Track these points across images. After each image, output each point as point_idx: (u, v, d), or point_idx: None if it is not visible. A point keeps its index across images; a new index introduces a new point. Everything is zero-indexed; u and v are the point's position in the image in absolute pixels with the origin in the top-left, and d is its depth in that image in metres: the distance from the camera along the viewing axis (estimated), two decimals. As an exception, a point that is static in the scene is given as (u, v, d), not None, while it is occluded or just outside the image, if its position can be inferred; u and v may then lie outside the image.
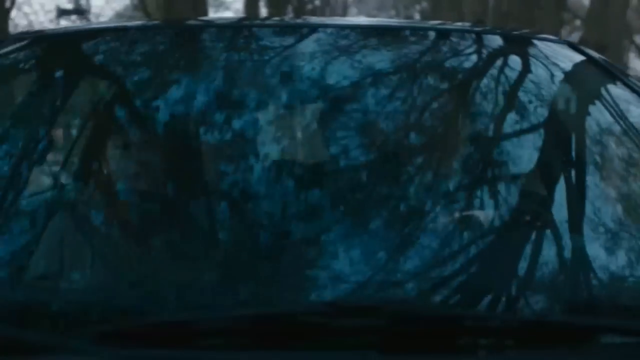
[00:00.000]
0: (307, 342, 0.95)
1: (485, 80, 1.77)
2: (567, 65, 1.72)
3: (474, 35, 1.85)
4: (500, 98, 1.86)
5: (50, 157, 1.57)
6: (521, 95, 1.84)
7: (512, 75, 1.78)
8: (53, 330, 1.00)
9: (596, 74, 1.68)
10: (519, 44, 1.79)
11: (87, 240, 1.42)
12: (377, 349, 0.93)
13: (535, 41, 1.81)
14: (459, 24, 2.21)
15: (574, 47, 1.75)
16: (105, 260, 1.41)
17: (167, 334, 0.96)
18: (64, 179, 1.55)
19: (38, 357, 0.94)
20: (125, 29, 1.78)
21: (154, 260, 1.46)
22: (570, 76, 1.71)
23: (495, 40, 1.83)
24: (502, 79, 1.80)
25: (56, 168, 1.56)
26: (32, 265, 1.37)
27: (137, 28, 1.78)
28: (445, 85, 1.67)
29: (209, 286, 1.22)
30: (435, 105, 1.64)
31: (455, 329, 0.97)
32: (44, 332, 0.99)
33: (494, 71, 1.76)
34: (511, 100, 1.85)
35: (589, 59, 1.70)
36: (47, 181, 1.56)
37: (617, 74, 1.63)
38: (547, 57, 1.75)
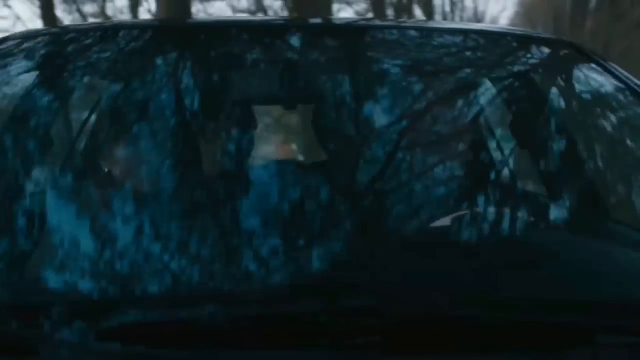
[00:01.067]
0: (307, 342, 0.95)
1: (486, 80, 1.77)
2: (569, 66, 1.72)
3: (475, 35, 1.85)
4: (501, 97, 1.86)
5: (48, 156, 1.58)
6: (521, 94, 1.84)
7: (513, 74, 1.78)
8: (53, 330, 1.00)
9: (598, 75, 1.69)
10: (521, 44, 1.79)
11: (86, 239, 1.42)
12: (377, 349, 0.93)
13: (537, 41, 1.81)
14: (460, 23, 2.20)
15: (575, 47, 1.75)
16: (105, 259, 1.41)
17: (167, 332, 0.96)
18: (62, 177, 1.55)
19: (38, 357, 0.94)
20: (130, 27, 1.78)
21: (153, 259, 1.46)
22: (572, 76, 1.72)
23: (497, 40, 1.83)
24: (503, 78, 1.80)
25: (54, 166, 1.56)
26: (32, 264, 1.37)
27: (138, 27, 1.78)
28: (445, 85, 1.67)
29: (209, 286, 1.22)
30: (434, 104, 1.64)
31: (456, 329, 0.97)
32: (43, 331, 0.99)
33: (494, 70, 1.76)
34: (511, 99, 1.85)
35: (591, 59, 1.70)
36: (46, 179, 1.56)
37: (618, 74, 1.63)
38: (548, 57, 1.75)
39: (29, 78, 1.63)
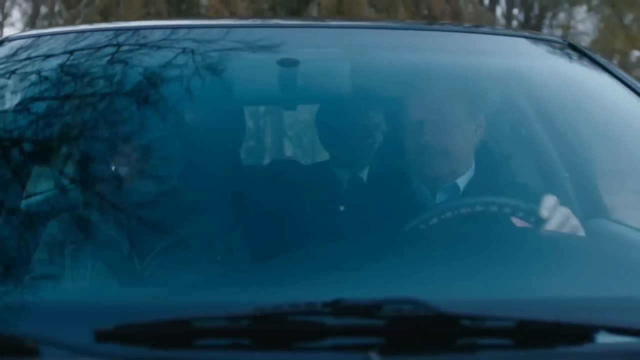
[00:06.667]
0: (307, 342, 0.95)
1: (487, 79, 1.77)
2: (569, 65, 1.72)
3: (475, 35, 1.85)
4: (502, 97, 1.86)
5: (48, 157, 1.58)
6: (522, 94, 1.84)
7: (514, 74, 1.78)
8: (53, 331, 1.00)
9: (596, 74, 1.69)
10: (521, 44, 1.80)
11: (87, 240, 1.42)
12: (377, 349, 0.93)
13: (537, 41, 1.81)
14: (460, 24, 2.21)
15: (575, 47, 1.75)
16: (105, 260, 1.41)
17: (167, 333, 0.96)
18: (62, 179, 1.55)
19: (38, 357, 0.94)
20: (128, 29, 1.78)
21: (153, 260, 1.47)
22: (571, 76, 1.72)
23: (497, 40, 1.83)
24: (504, 78, 1.80)
25: (53, 168, 1.56)
26: (33, 265, 1.37)
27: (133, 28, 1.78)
28: (445, 85, 1.67)
29: (209, 286, 1.22)
30: (432, 104, 1.64)
31: (455, 329, 0.97)
32: (43, 332, 0.99)
33: (495, 70, 1.76)
34: (511, 99, 1.85)
35: (590, 59, 1.70)
36: (46, 182, 1.56)
37: (616, 73, 1.63)
38: (548, 57, 1.75)
39: (28, 78, 1.63)
